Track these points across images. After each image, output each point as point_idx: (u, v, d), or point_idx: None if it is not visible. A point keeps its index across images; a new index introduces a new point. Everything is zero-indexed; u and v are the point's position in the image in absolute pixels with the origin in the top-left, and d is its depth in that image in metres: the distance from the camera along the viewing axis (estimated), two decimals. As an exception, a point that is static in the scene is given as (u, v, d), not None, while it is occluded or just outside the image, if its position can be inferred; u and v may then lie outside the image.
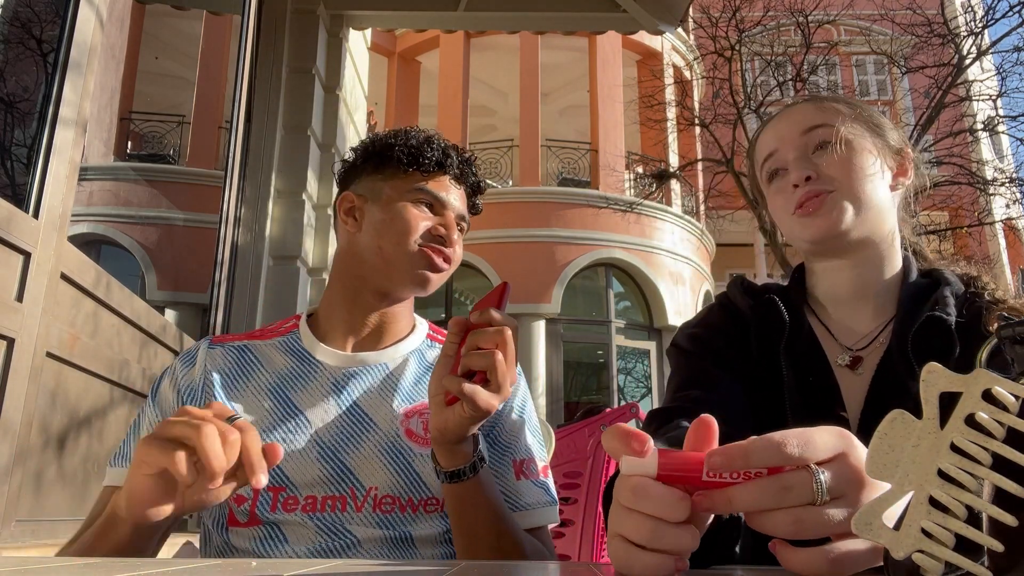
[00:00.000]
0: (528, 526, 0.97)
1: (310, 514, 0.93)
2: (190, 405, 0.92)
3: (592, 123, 12.12)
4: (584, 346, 11.68)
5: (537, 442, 1.05)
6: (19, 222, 1.88)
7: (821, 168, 0.88)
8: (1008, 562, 0.38)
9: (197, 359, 1.02)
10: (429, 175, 1.04)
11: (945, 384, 0.40)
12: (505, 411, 1.04)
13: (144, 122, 10.64)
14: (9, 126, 2.33)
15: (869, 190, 0.88)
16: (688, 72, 12.70)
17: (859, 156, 0.88)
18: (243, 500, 0.93)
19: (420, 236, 1.00)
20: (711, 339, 0.94)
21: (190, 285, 8.36)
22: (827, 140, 0.89)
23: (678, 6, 4.02)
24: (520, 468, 1.01)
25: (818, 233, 0.88)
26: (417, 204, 1.02)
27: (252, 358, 1.02)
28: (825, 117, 0.90)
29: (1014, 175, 9.00)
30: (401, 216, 1.00)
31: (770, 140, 0.94)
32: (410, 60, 12.92)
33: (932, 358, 0.81)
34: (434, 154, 1.04)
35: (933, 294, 0.88)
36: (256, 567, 0.55)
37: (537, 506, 1.00)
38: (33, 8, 2.39)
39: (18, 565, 0.53)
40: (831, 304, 0.94)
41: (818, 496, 0.46)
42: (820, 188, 0.87)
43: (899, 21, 9.11)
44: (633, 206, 10.69)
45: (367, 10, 4.10)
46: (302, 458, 0.94)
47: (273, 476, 0.93)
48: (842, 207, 0.87)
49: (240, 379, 1.00)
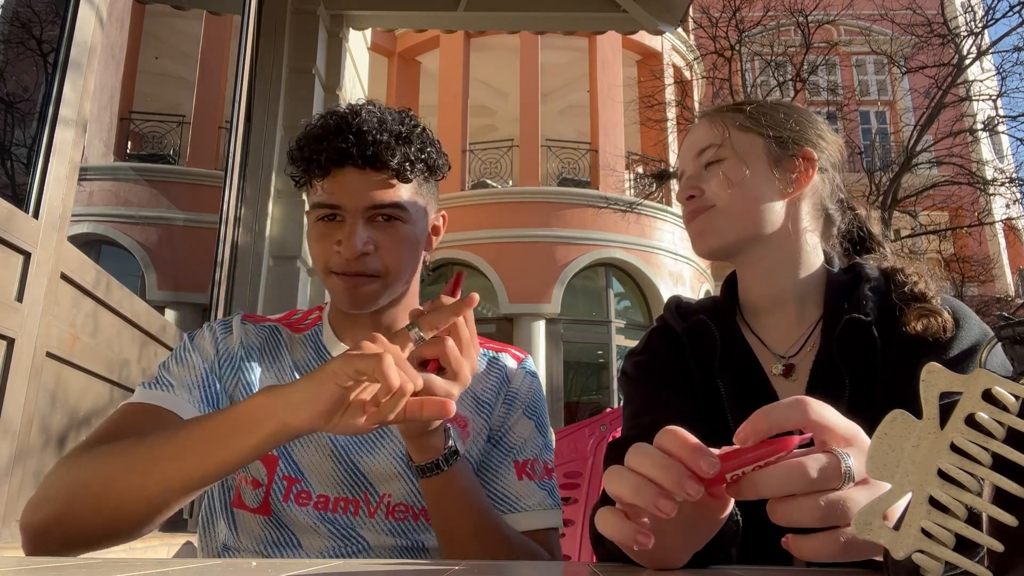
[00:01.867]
0: (529, 528, 0.94)
1: (322, 512, 0.91)
2: (226, 369, 0.94)
3: (592, 123, 12.12)
4: (584, 346, 11.68)
5: (544, 443, 1.02)
6: (19, 222, 1.87)
7: (707, 185, 0.92)
8: (1008, 562, 0.38)
9: (233, 329, 0.98)
10: (323, 180, 0.92)
11: (945, 384, 0.40)
12: (511, 409, 1.00)
13: (144, 122, 10.64)
14: (9, 126, 2.33)
15: (751, 202, 0.90)
16: (688, 72, 12.70)
17: (737, 172, 0.91)
18: (259, 484, 0.92)
19: (328, 260, 0.92)
20: (655, 365, 0.95)
21: (190, 285, 8.36)
22: (713, 160, 0.93)
23: (678, 6, 4.02)
24: (523, 469, 0.97)
25: (699, 246, 0.94)
26: (322, 222, 0.92)
27: (281, 340, 1.00)
28: (712, 137, 0.94)
29: (1014, 175, 9.01)
30: (312, 240, 0.93)
31: (679, 160, 1.00)
32: (410, 60, 12.91)
33: (856, 359, 0.84)
34: (304, 151, 0.92)
35: (856, 291, 0.89)
36: (256, 567, 0.55)
37: (539, 508, 0.95)
38: (33, 8, 2.39)
39: (18, 565, 0.53)
40: (757, 312, 0.95)
41: (844, 480, 0.47)
42: (700, 205, 0.92)
43: (899, 21, 9.12)
44: (633, 206, 10.70)
45: (367, 10, 4.10)
46: (317, 453, 0.92)
47: (289, 465, 0.92)
48: (719, 221, 0.91)
49: (267, 356, 0.98)
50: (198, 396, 0.90)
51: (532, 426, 1.00)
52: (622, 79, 11.98)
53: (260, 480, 0.91)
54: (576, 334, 11.38)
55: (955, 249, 10.70)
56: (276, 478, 0.91)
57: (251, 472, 0.92)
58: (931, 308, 0.83)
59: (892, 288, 0.87)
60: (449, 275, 12.16)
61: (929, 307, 0.83)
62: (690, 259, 12.12)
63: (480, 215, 11.35)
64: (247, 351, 0.97)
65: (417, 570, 0.54)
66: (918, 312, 0.83)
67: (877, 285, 0.89)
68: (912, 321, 0.82)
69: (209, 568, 0.54)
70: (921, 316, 0.82)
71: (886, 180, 8.37)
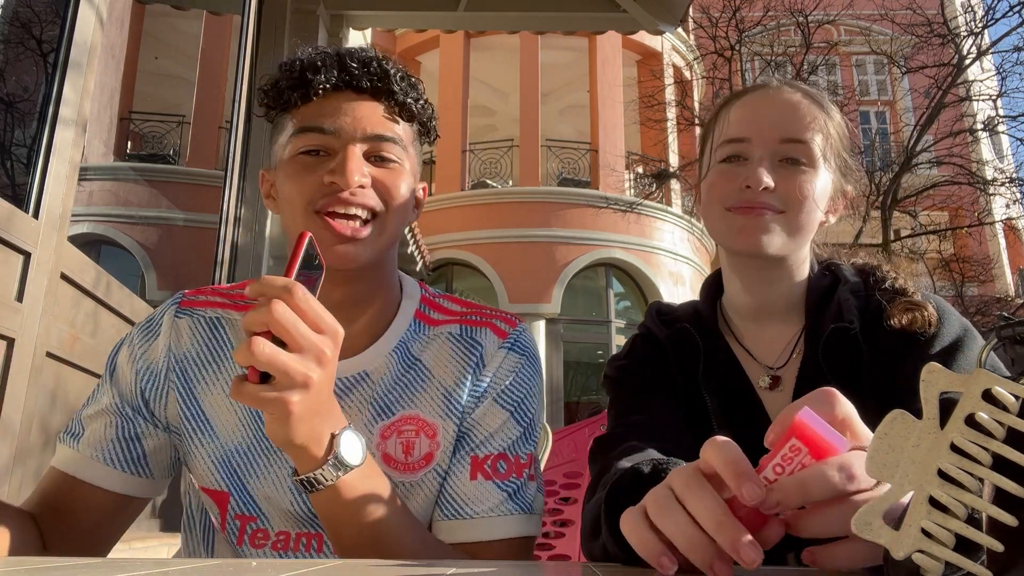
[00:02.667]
0: (478, 539, 0.78)
1: (281, 552, 0.80)
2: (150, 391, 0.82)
3: (592, 123, 12.12)
4: (584, 346, 11.68)
5: (524, 435, 0.84)
6: (19, 222, 1.87)
7: (781, 183, 0.84)
8: (1008, 562, 0.38)
9: (161, 331, 0.84)
10: (306, 107, 0.78)
11: (945, 384, 0.40)
12: (480, 397, 0.83)
13: (144, 122, 10.65)
14: (9, 126, 2.33)
15: (810, 222, 0.86)
16: (688, 72, 12.70)
17: (817, 186, 0.85)
18: (213, 517, 0.84)
19: (312, 196, 0.76)
20: (640, 371, 0.92)
21: (190, 285, 8.35)
22: (799, 160, 0.85)
23: (678, 6, 4.02)
24: (480, 466, 0.80)
25: (745, 244, 0.85)
26: (305, 155, 0.77)
27: (224, 339, 0.84)
28: (807, 133, 0.85)
29: (1014, 175, 9.00)
30: (290, 177, 0.78)
31: (744, 126, 0.87)
32: (410, 60, 12.91)
33: (843, 368, 0.82)
34: (297, 74, 0.78)
35: (835, 295, 0.87)
36: (256, 567, 0.55)
37: (491, 514, 0.78)
38: (33, 8, 2.39)
39: (17, 565, 0.53)
40: (741, 319, 0.93)
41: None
42: (771, 204, 0.84)
43: (899, 21, 9.11)
44: (633, 206, 10.69)
45: (367, 10, 4.10)
46: (275, 483, 0.79)
47: (242, 502, 0.80)
48: (781, 231, 0.84)
49: (208, 365, 0.83)
50: (108, 448, 0.80)
51: (505, 416, 0.83)
52: (622, 79, 11.98)
53: (214, 515, 0.82)
54: (576, 334, 11.38)
55: (955, 249, 10.69)
56: (229, 517, 0.81)
57: (203, 502, 0.84)
58: (916, 302, 0.82)
59: (871, 286, 0.86)
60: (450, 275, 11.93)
61: (914, 301, 0.83)
62: (690, 259, 12.12)
63: (480, 215, 11.35)
64: (177, 362, 0.83)
65: (417, 570, 0.54)
66: (903, 306, 0.82)
67: (856, 286, 0.87)
68: (897, 315, 0.81)
69: (209, 568, 0.54)
70: (907, 310, 0.81)
71: (886, 180, 8.36)
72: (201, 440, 0.82)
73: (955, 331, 0.81)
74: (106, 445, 0.80)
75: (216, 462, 0.81)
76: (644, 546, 0.49)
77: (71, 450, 0.81)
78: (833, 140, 0.88)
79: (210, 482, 0.82)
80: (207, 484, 0.82)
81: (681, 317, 0.95)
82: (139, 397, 0.83)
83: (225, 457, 0.81)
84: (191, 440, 0.82)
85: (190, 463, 0.83)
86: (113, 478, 0.80)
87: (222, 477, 0.81)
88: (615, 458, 0.76)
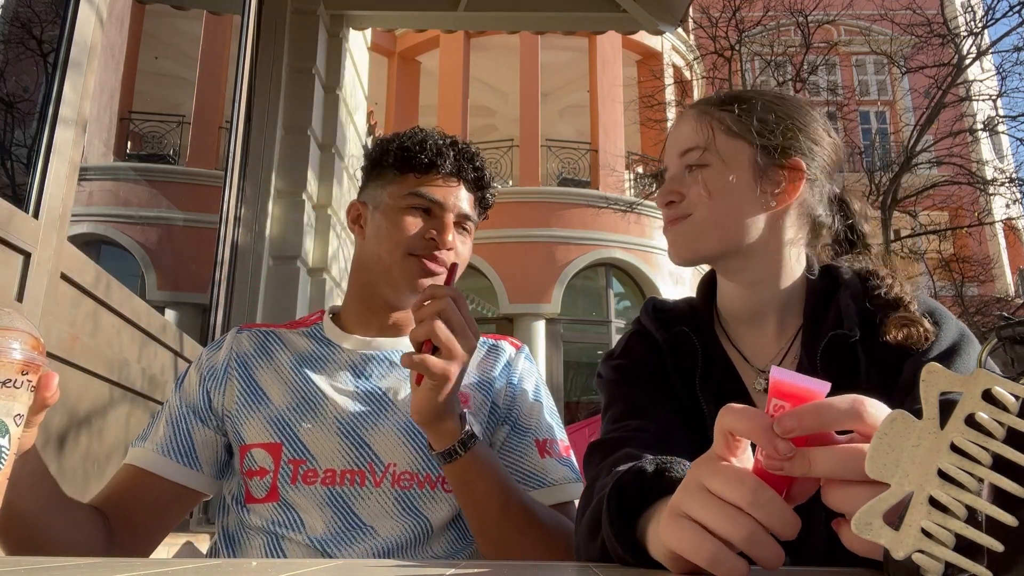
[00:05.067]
0: (554, 502, 1.01)
1: (330, 487, 0.96)
2: (213, 386, 1.05)
3: (592, 123, 12.12)
4: (584, 346, 11.68)
5: (556, 423, 1.09)
6: (19, 222, 1.87)
7: (687, 191, 0.87)
8: (1008, 562, 0.38)
9: (224, 344, 1.09)
10: (424, 177, 1.05)
11: (945, 384, 0.40)
12: (518, 393, 1.09)
13: (144, 122, 10.64)
14: (9, 126, 2.33)
15: (731, 215, 0.85)
16: (688, 72, 12.70)
17: (718, 181, 0.85)
18: (265, 472, 0.98)
19: (413, 244, 1.02)
20: (638, 371, 0.91)
21: (190, 285, 8.35)
22: (696, 163, 0.88)
23: (678, 6, 4.02)
24: (544, 447, 1.05)
25: (673, 256, 0.90)
26: (412, 211, 1.04)
27: (276, 340, 1.10)
28: (697, 138, 0.88)
29: (1014, 175, 9.01)
30: (395, 224, 1.04)
31: (664, 154, 0.96)
32: (410, 60, 12.92)
33: (840, 375, 0.81)
34: (426, 155, 1.05)
35: (834, 299, 0.86)
36: (256, 567, 0.55)
37: (563, 482, 1.03)
38: (33, 8, 2.39)
39: (17, 565, 0.53)
40: (737, 321, 0.92)
41: None
42: (678, 213, 0.88)
43: (899, 21, 9.12)
44: (633, 206, 10.70)
45: (367, 10, 4.10)
46: (322, 431, 0.99)
47: (293, 448, 0.99)
48: (694, 233, 0.87)
49: (262, 357, 1.07)
50: (164, 442, 1.02)
51: (542, 408, 1.09)
52: (622, 79, 11.98)
53: (267, 468, 0.98)
54: (576, 334, 11.38)
55: (955, 249, 10.70)
56: (282, 463, 0.98)
57: (256, 463, 0.99)
58: (911, 317, 0.81)
59: (867, 293, 0.85)
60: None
61: (909, 316, 0.81)
62: (690, 259, 12.11)
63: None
64: (238, 358, 1.07)
65: (418, 571, 0.54)
66: (898, 322, 0.81)
67: (855, 291, 0.86)
68: (892, 331, 0.80)
69: (209, 568, 0.54)
70: (902, 326, 0.80)
71: (886, 180, 8.36)
72: (258, 408, 1.03)
73: (952, 336, 0.81)
74: (163, 440, 1.02)
75: (270, 421, 1.02)
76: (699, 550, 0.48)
77: (135, 448, 1.02)
78: (726, 123, 0.87)
79: (266, 437, 1.00)
80: (263, 439, 1.00)
81: (679, 317, 0.94)
82: (203, 396, 1.05)
83: (277, 416, 1.02)
84: (249, 410, 1.02)
85: (245, 432, 1.02)
86: (166, 465, 0.99)
87: (275, 431, 1.01)
88: (612, 464, 0.74)
